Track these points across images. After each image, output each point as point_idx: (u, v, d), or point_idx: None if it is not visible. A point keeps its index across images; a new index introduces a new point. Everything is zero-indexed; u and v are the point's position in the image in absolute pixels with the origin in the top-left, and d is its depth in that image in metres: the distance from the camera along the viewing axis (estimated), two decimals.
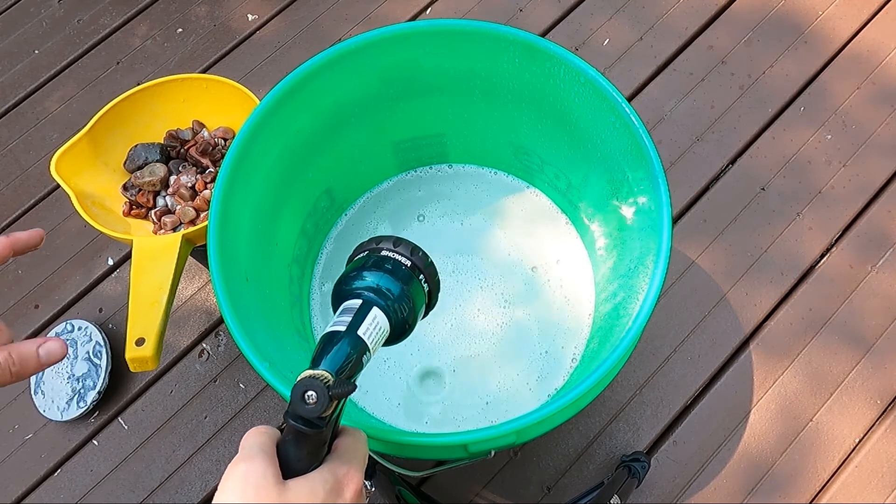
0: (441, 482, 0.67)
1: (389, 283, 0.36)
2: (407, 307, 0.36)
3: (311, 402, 0.29)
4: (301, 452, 0.31)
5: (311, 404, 0.29)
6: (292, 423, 0.30)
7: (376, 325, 0.34)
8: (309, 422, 0.30)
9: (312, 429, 0.30)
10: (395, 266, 0.36)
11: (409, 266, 0.37)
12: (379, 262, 0.37)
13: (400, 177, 0.69)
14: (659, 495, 0.66)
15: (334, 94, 0.56)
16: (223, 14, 0.94)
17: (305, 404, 0.29)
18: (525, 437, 0.46)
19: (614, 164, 0.53)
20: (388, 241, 0.38)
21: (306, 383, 0.29)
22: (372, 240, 0.38)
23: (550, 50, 0.51)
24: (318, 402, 0.29)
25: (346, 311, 0.35)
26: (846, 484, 0.66)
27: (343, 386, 0.30)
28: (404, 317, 0.36)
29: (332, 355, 0.32)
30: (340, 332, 0.33)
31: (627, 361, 0.50)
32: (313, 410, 0.29)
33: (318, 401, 0.29)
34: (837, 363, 0.71)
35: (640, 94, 0.85)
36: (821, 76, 0.85)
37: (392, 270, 0.36)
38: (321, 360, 0.32)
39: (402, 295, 0.36)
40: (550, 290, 0.63)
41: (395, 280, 0.36)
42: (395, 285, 0.36)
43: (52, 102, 0.90)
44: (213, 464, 0.69)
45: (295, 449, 0.31)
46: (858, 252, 0.75)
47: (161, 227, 0.66)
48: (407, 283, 0.36)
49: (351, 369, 0.32)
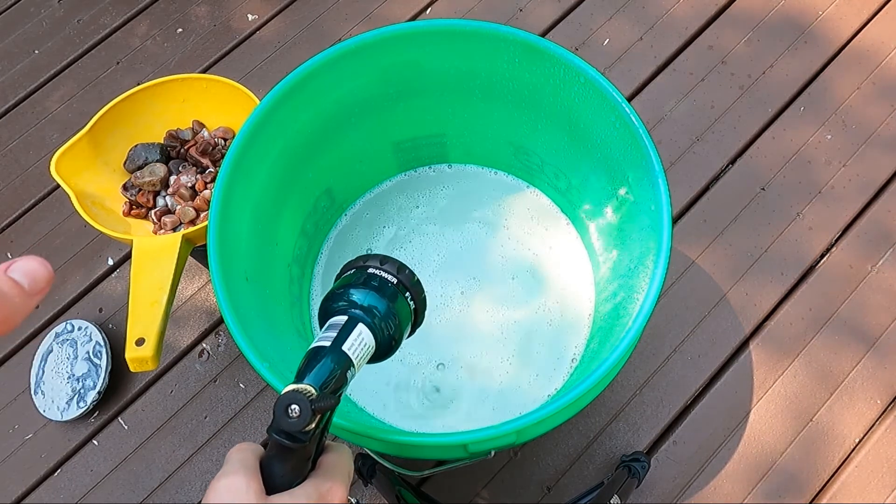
0: (441, 482, 0.67)
1: (375, 301, 0.36)
2: (393, 324, 0.36)
3: (293, 416, 0.29)
4: (285, 468, 0.31)
5: (293, 418, 0.29)
6: (275, 438, 0.30)
7: (361, 341, 0.34)
8: (292, 436, 0.30)
9: (296, 443, 0.30)
10: (382, 283, 0.37)
11: (396, 283, 0.37)
12: (366, 279, 0.37)
13: (400, 177, 0.69)
14: (659, 495, 0.66)
15: (334, 93, 0.56)
16: (223, 14, 0.94)
17: (288, 418, 0.29)
18: (525, 437, 0.46)
19: (614, 164, 0.53)
20: (375, 259, 0.38)
21: (289, 397, 0.30)
22: (360, 257, 0.39)
23: (550, 50, 0.51)
24: (301, 415, 0.29)
25: (332, 326, 0.35)
26: (847, 483, 0.66)
27: (326, 400, 0.30)
28: (390, 334, 0.36)
29: (317, 370, 0.32)
30: (325, 347, 0.33)
31: (627, 361, 0.50)
32: (296, 424, 0.29)
33: (300, 414, 0.29)
34: (838, 363, 0.71)
35: (640, 94, 0.85)
36: (821, 76, 0.85)
37: (378, 288, 0.36)
38: (305, 375, 0.32)
39: (388, 312, 0.36)
40: (550, 290, 0.63)
41: (382, 297, 0.36)
42: (382, 302, 0.36)
43: (52, 102, 0.90)
44: (213, 464, 0.69)
45: (278, 464, 0.31)
46: (859, 251, 0.75)
47: (161, 227, 0.66)
48: (393, 300, 0.36)
49: (335, 384, 0.32)
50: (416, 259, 0.65)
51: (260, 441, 0.70)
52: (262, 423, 0.71)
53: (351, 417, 0.44)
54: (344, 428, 0.43)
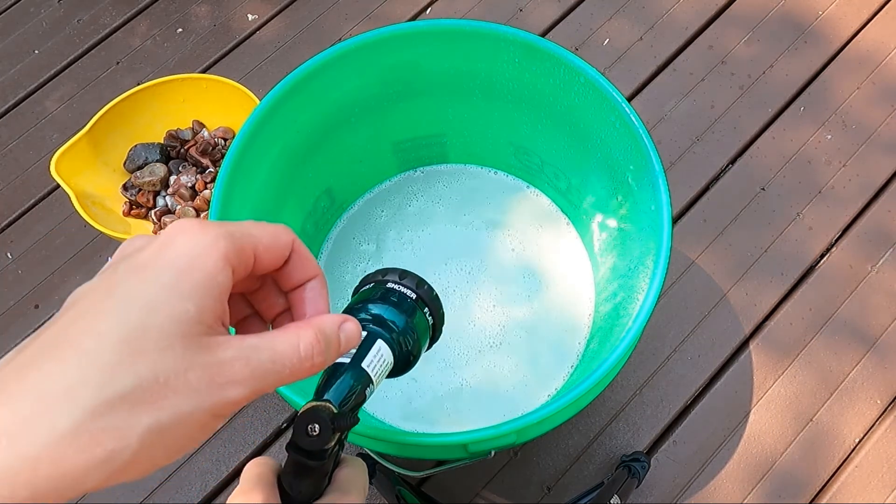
0: (441, 482, 0.67)
1: (394, 316, 0.35)
2: (411, 339, 0.35)
3: (313, 435, 0.29)
4: (302, 484, 0.31)
5: (313, 436, 0.29)
6: (294, 455, 0.30)
7: (380, 357, 0.34)
8: (311, 454, 0.29)
9: (314, 461, 0.30)
10: (401, 298, 0.36)
11: (415, 299, 0.37)
12: (384, 294, 0.36)
13: (400, 177, 0.69)
14: (659, 495, 0.66)
15: (334, 93, 0.56)
16: (223, 14, 0.94)
17: (308, 436, 0.29)
18: (525, 437, 0.46)
19: (614, 164, 0.53)
20: (393, 273, 0.37)
21: (310, 416, 0.29)
22: (378, 272, 0.38)
23: (550, 50, 0.51)
24: (321, 434, 0.29)
25: None
26: (846, 483, 0.66)
27: (346, 419, 0.30)
28: (408, 349, 0.35)
29: (336, 387, 0.31)
30: (345, 364, 0.32)
31: (627, 361, 0.50)
32: (316, 443, 0.29)
33: (320, 433, 0.29)
34: (838, 363, 0.71)
35: (640, 94, 0.85)
36: (821, 76, 0.85)
37: (397, 303, 0.36)
38: (325, 392, 0.31)
39: (407, 328, 0.35)
40: (550, 290, 0.63)
41: (400, 313, 0.35)
42: (400, 318, 0.35)
43: (52, 102, 0.90)
44: (213, 464, 0.69)
45: (296, 480, 0.30)
46: (859, 252, 0.75)
47: (161, 227, 0.66)
48: (412, 315, 0.36)
49: (354, 401, 0.32)
50: (416, 259, 0.65)
51: (260, 441, 0.70)
52: (263, 424, 0.71)
53: None
54: None
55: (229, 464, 0.69)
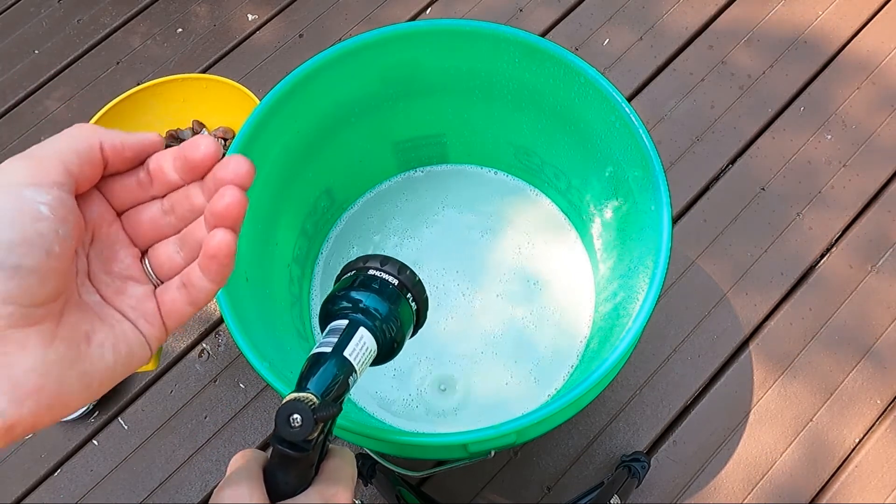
0: (441, 482, 0.67)
1: (376, 303, 0.35)
2: (394, 327, 0.35)
3: (295, 426, 0.29)
4: (288, 476, 0.30)
5: (295, 428, 0.29)
6: (278, 447, 0.30)
7: (363, 345, 0.34)
8: (295, 445, 0.29)
9: (298, 452, 0.29)
10: (383, 285, 0.36)
11: (397, 285, 0.36)
12: (366, 281, 0.36)
13: (400, 177, 0.69)
14: (659, 495, 0.66)
15: (334, 94, 0.56)
16: (223, 14, 0.94)
17: (290, 427, 0.29)
18: (525, 437, 0.46)
19: (614, 164, 0.53)
20: (375, 260, 0.37)
21: (291, 406, 0.29)
22: (359, 258, 0.38)
23: (550, 50, 0.51)
24: (303, 425, 0.29)
25: (333, 331, 0.34)
26: (846, 484, 0.66)
27: (328, 408, 0.30)
28: (392, 336, 0.35)
29: (318, 377, 0.31)
30: (326, 353, 0.32)
31: (627, 361, 0.50)
32: (298, 434, 0.29)
33: (302, 424, 0.29)
34: (837, 363, 0.71)
35: (640, 94, 0.85)
36: (821, 76, 0.85)
37: (379, 290, 0.36)
38: (306, 383, 0.31)
39: (390, 315, 0.35)
40: (550, 290, 0.63)
41: (383, 299, 0.35)
42: (383, 305, 0.35)
43: (52, 102, 0.90)
44: (213, 464, 0.69)
45: (282, 472, 0.30)
46: (858, 252, 0.75)
47: None
48: (394, 302, 0.36)
49: (337, 391, 0.31)
50: (416, 259, 0.65)
51: (260, 441, 0.70)
52: (263, 424, 0.71)
53: (351, 417, 0.44)
54: (344, 428, 0.43)
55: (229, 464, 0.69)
